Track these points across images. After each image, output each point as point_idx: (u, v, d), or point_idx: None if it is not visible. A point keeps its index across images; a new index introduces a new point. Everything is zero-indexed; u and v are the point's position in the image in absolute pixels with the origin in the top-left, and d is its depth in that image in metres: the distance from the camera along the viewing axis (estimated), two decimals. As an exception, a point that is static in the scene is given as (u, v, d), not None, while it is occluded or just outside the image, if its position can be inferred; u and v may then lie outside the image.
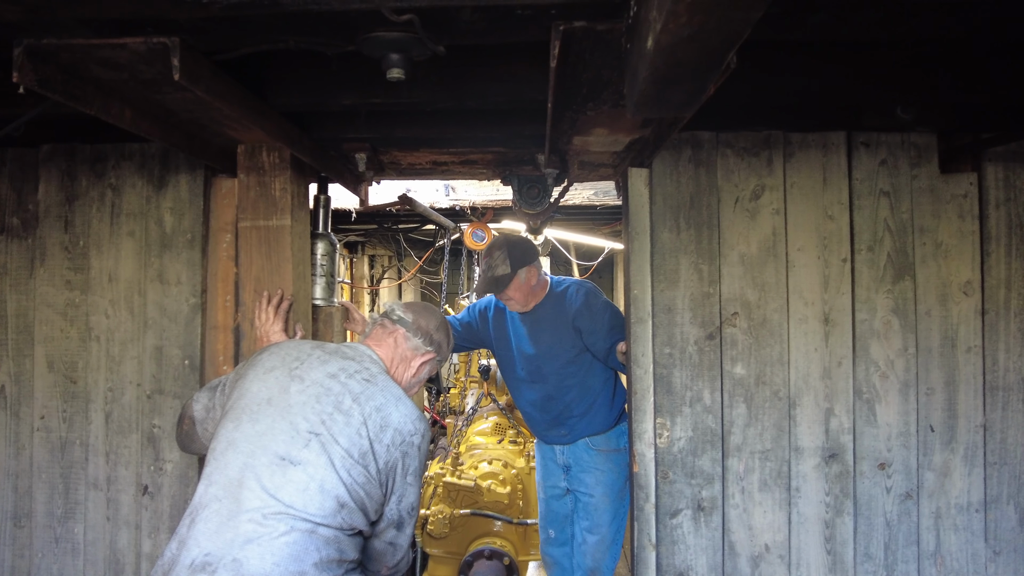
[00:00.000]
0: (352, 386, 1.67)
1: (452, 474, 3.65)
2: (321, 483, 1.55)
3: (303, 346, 1.79)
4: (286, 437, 1.58)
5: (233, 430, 1.62)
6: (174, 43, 1.47)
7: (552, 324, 2.90)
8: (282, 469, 1.55)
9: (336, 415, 1.62)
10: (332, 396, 1.64)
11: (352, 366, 1.73)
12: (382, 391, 1.71)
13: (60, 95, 1.63)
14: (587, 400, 2.91)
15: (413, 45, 1.47)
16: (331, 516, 1.54)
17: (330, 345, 1.81)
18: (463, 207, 4.34)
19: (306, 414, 1.61)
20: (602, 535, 2.92)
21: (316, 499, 1.53)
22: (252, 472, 1.54)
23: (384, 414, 1.66)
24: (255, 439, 1.58)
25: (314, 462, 1.56)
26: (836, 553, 2.32)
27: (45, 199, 2.47)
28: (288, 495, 1.52)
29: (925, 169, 2.37)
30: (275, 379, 1.68)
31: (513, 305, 2.92)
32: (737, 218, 2.35)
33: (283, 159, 2.31)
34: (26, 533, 2.42)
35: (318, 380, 1.67)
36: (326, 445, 1.58)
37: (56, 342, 2.44)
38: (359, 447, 1.60)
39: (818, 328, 2.33)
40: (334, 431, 1.59)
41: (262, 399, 1.65)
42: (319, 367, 1.70)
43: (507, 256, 2.83)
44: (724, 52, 1.08)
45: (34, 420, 2.43)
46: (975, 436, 2.34)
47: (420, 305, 2.04)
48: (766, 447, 2.32)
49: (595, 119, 2.00)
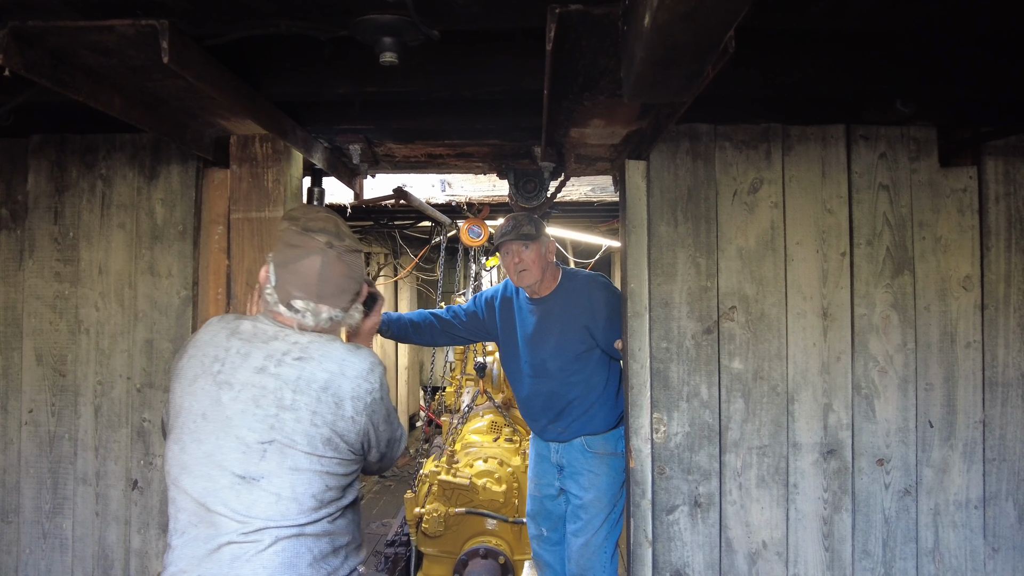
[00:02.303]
0: (286, 374, 1.49)
1: (447, 472, 3.62)
2: (292, 490, 1.45)
3: (218, 338, 1.57)
4: (237, 454, 1.46)
5: (180, 452, 1.50)
6: (163, 25, 1.44)
7: (561, 318, 2.83)
8: (246, 488, 1.44)
9: (282, 414, 1.47)
10: (270, 395, 1.48)
11: (277, 348, 1.52)
12: (321, 363, 1.51)
13: (48, 80, 1.60)
14: (589, 399, 2.83)
15: (406, 29, 1.44)
16: (314, 511, 1.48)
17: (246, 325, 1.57)
18: (459, 203, 4.31)
19: (250, 424, 1.47)
20: (587, 539, 2.80)
21: (292, 506, 1.45)
22: (216, 497, 1.45)
23: (333, 390, 1.50)
24: (205, 461, 1.47)
25: (276, 471, 1.45)
26: (834, 550, 2.29)
27: (35, 190, 2.44)
28: (262, 510, 1.44)
29: (925, 163, 2.35)
30: (202, 390, 1.52)
31: (527, 277, 2.81)
32: (735, 211, 2.32)
33: (276, 150, 2.29)
34: (13, 529, 2.39)
35: (248, 381, 1.50)
36: (284, 451, 1.46)
37: (45, 335, 2.41)
38: (320, 437, 1.48)
39: (816, 323, 2.31)
40: (287, 432, 1.47)
41: (197, 414, 1.50)
42: (242, 364, 1.51)
43: (535, 222, 2.81)
44: (721, 32, 1.06)
45: (22, 414, 2.40)
46: (974, 432, 2.32)
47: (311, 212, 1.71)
48: (764, 443, 2.30)
49: (592, 109, 1.98)
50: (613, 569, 2.85)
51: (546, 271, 2.84)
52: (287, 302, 1.55)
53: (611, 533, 2.83)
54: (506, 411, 4.51)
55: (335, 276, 1.56)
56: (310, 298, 1.55)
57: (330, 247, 1.55)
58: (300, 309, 1.55)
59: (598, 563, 2.80)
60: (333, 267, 1.55)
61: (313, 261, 1.54)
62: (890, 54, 2.06)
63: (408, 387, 9.04)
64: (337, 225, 1.61)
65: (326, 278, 1.55)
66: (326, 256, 1.54)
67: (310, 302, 1.55)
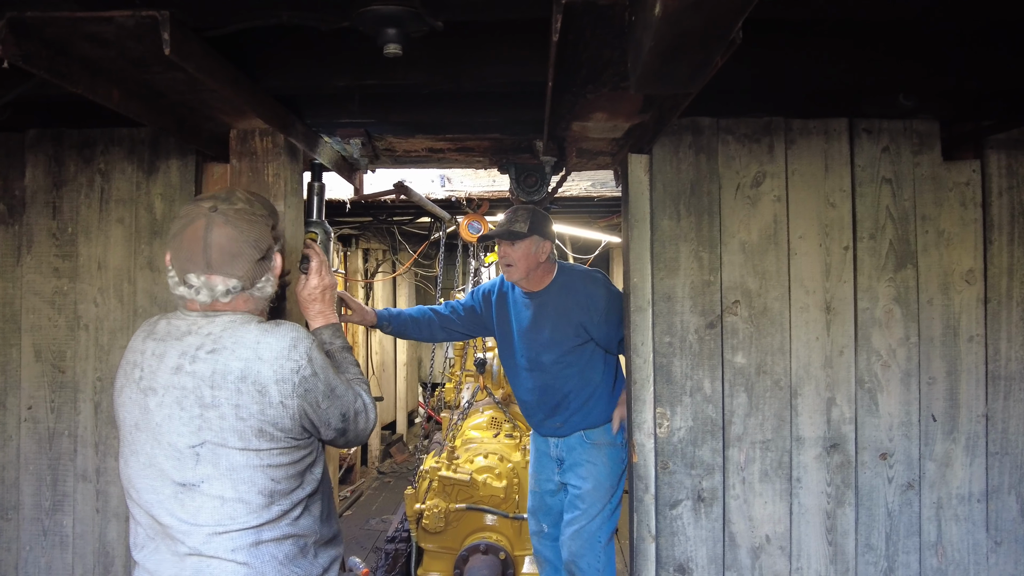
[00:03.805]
0: (201, 371, 1.41)
1: (448, 468, 3.62)
2: (235, 490, 1.39)
3: (136, 341, 1.53)
4: (172, 462, 1.41)
5: (124, 466, 1.48)
6: (164, 16, 1.42)
7: (555, 313, 2.82)
8: (188, 495, 1.40)
9: (206, 413, 1.40)
10: (190, 395, 1.41)
11: (191, 343, 1.45)
12: (234, 351, 1.42)
13: (46, 72, 1.57)
14: (585, 392, 2.83)
15: (410, 19, 1.42)
16: (264, 509, 1.41)
17: (161, 324, 1.52)
18: (459, 198, 4.29)
19: (177, 429, 1.41)
20: (580, 527, 2.77)
21: (239, 507, 1.39)
22: (163, 508, 1.41)
23: (252, 378, 1.40)
24: (145, 472, 1.43)
25: (213, 475, 1.39)
26: (837, 544, 2.29)
27: (32, 185, 2.41)
28: (208, 516, 1.38)
29: (927, 156, 2.34)
30: (130, 399, 1.47)
31: (512, 273, 2.81)
32: (738, 205, 2.32)
33: (276, 144, 2.27)
34: (13, 526, 2.37)
35: (168, 383, 1.43)
36: (216, 451, 1.40)
37: (43, 331, 2.39)
38: (251, 431, 1.40)
39: (819, 317, 2.30)
40: (215, 431, 1.40)
41: (131, 425, 1.47)
42: (159, 366, 1.45)
43: (530, 217, 2.77)
44: (731, 21, 1.05)
45: (21, 411, 2.38)
46: (977, 426, 2.32)
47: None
48: (767, 437, 2.29)
49: (594, 103, 1.97)
50: (608, 559, 2.81)
51: (534, 269, 2.81)
52: (183, 279, 1.46)
53: (605, 523, 2.80)
54: (506, 407, 4.50)
55: (223, 240, 1.44)
56: (200, 270, 1.44)
57: (214, 210, 1.45)
58: (195, 285, 1.45)
59: (590, 551, 2.76)
60: (219, 230, 1.44)
61: (197, 227, 1.44)
62: (892, 47, 2.05)
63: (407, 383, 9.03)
64: (231, 192, 1.52)
65: (211, 243, 1.43)
66: (210, 219, 1.44)
67: (201, 275, 1.44)
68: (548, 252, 2.84)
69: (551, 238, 2.86)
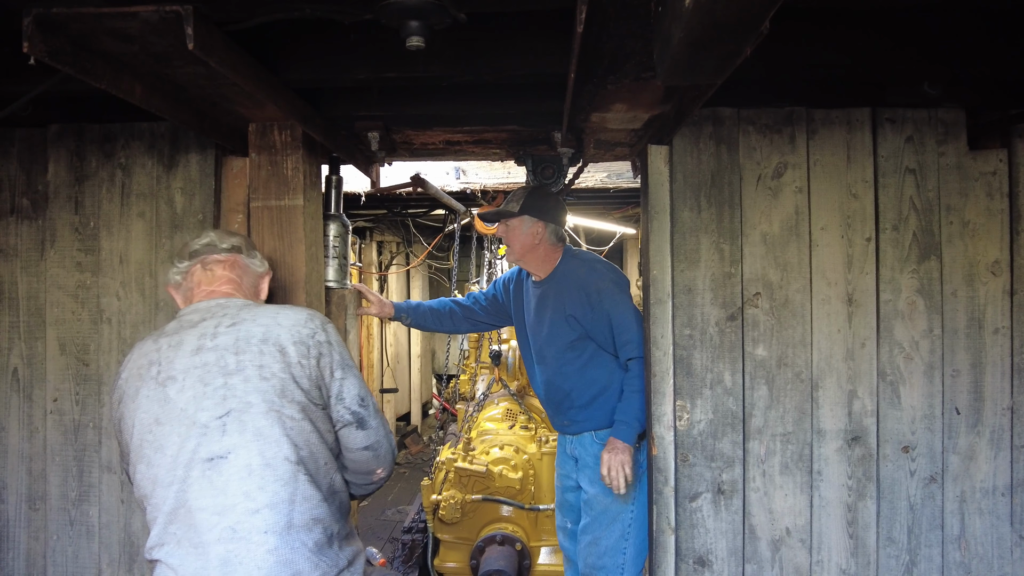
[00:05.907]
0: (223, 342, 1.47)
1: (463, 459, 3.63)
2: (261, 456, 1.41)
3: (145, 347, 1.56)
4: (198, 440, 1.42)
5: (147, 468, 1.47)
6: (187, 11, 1.43)
7: (553, 302, 2.66)
8: (216, 471, 1.40)
9: (230, 380, 1.44)
10: (213, 367, 1.45)
11: (208, 325, 1.52)
12: (255, 320, 1.51)
13: (71, 68, 1.58)
14: (590, 392, 2.64)
15: (433, 11, 1.42)
16: (292, 479, 1.41)
17: (170, 325, 1.60)
18: (474, 190, 4.29)
19: (203, 405, 1.43)
20: (595, 536, 2.61)
21: (267, 474, 1.40)
22: (192, 491, 1.41)
23: (273, 340, 1.49)
24: (174, 462, 1.43)
25: (240, 443, 1.41)
26: (858, 537, 2.28)
27: (54, 180, 2.43)
28: (237, 488, 1.39)
29: (952, 146, 2.30)
30: (147, 397, 1.48)
31: (509, 254, 2.74)
32: (759, 196, 2.29)
33: (295, 138, 2.27)
34: (40, 516, 2.41)
35: (188, 366, 1.47)
36: (242, 418, 1.42)
37: (67, 324, 2.41)
38: (274, 390, 1.44)
39: (841, 309, 2.28)
40: (240, 396, 1.43)
41: (150, 424, 1.47)
42: (177, 353, 1.49)
43: (524, 197, 2.65)
44: (765, 10, 1.03)
45: (47, 403, 2.42)
46: (1002, 419, 2.29)
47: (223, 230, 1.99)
48: (788, 430, 2.28)
49: (615, 93, 1.95)
50: (635, 574, 2.61)
51: (530, 251, 2.67)
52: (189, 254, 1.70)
53: (626, 534, 2.60)
54: (521, 399, 4.51)
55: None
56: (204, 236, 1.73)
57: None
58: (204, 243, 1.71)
59: (611, 564, 2.58)
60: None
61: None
62: (916, 35, 2.02)
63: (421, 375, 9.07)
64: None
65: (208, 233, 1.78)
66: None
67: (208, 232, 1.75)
68: (542, 234, 2.66)
69: (550, 219, 2.67)
